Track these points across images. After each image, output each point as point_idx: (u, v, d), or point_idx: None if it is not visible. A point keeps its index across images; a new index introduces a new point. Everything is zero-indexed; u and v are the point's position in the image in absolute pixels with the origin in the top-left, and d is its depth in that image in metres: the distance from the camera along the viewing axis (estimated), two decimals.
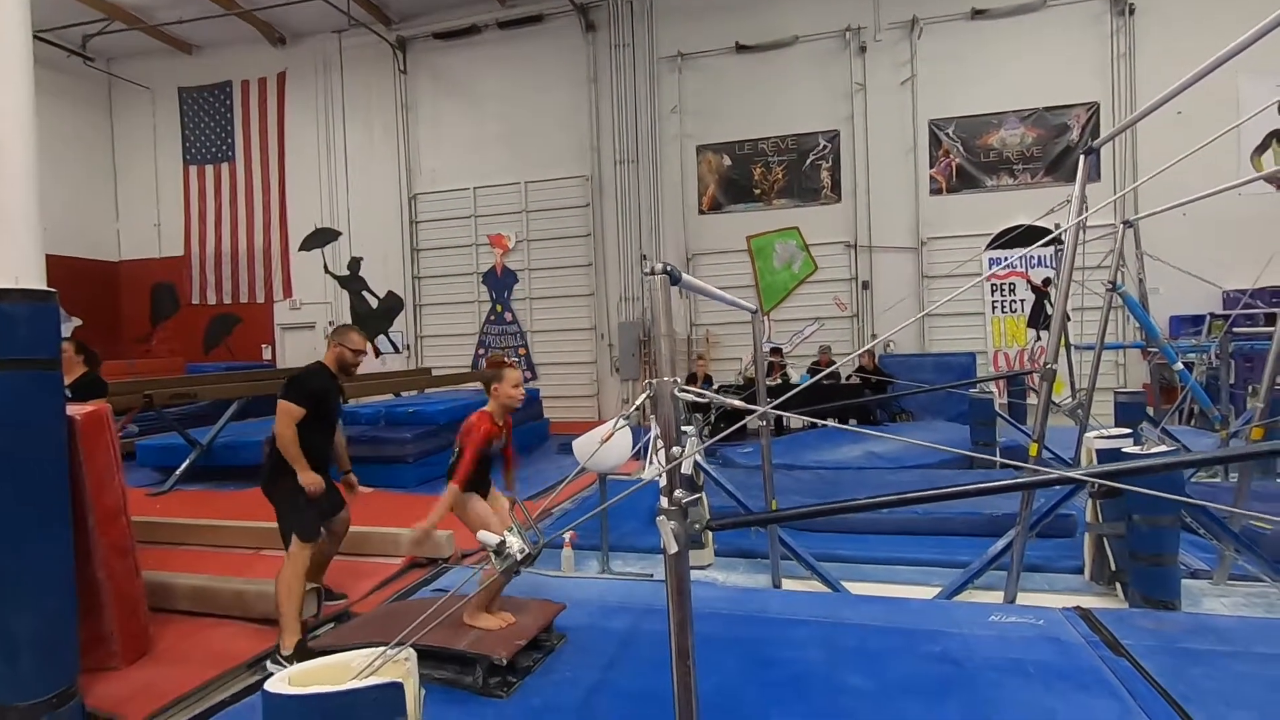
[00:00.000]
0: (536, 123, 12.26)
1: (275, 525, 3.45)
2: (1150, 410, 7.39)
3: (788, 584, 4.19)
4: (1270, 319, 5.87)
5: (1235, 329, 6.81)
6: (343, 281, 13.46)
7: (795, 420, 9.52)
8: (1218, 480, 5.92)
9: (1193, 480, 5.80)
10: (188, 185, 14.14)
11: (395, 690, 1.28)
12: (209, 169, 14.02)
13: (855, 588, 4.04)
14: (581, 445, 4.03)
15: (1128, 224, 6.11)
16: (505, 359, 3.31)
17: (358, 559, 4.57)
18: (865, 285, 10.98)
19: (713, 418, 9.14)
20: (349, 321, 13.39)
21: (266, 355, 13.77)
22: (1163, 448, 3.68)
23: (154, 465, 7.62)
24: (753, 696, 2.72)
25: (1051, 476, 1.56)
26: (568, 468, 6.48)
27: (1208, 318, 9.14)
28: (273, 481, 3.43)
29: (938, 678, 2.82)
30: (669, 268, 1.67)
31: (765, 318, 11.32)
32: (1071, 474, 1.49)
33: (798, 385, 9.83)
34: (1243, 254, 8.70)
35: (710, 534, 4.69)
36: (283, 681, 1.31)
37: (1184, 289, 8.34)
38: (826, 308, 11.20)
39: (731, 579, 4.39)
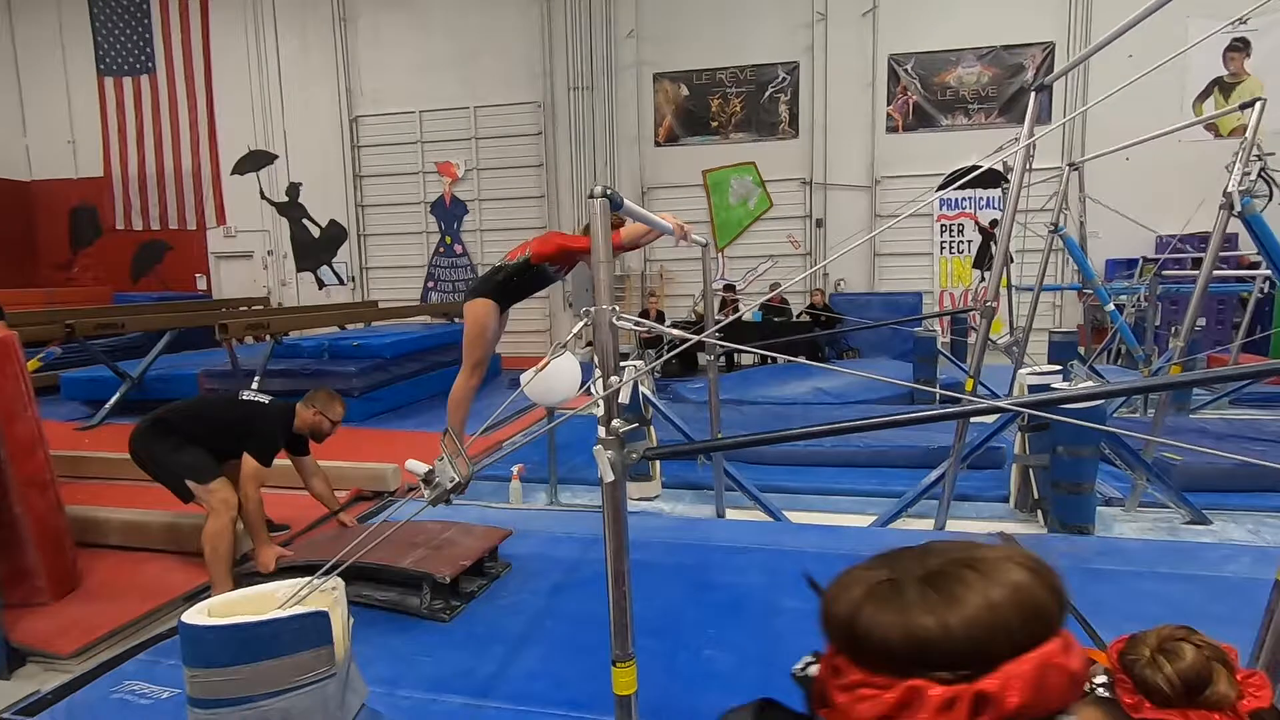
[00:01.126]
0: (485, 43, 11.61)
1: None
2: (1081, 349, 7.72)
3: (732, 514, 4.31)
4: (1197, 263, 6.12)
5: (1164, 272, 7.09)
6: (281, 208, 12.79)
7: (747, 358, 9.65)
8: (1136, 415, 6.28)
9: (1114, 415, 6.13)
10: (104, 98, 13.03)
11: (320, 619, 1.26)
12: (127, 81, 12.92)
13: (796, 517, 4.19)
14: (528, 378, 3.98)
15: (1073, 166, 6.21)
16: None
17: (301, 492, 4.49)
18: (819, 223, 10.99)
19: (665, 353, 9.19)
20: (287, 249, 12.82)
21: (201, 285, 13.13)
22: (1089, 384, 3.85)
23: (82, 399, 7.28)
24: (692, 618, 2.82)
25: (979, 406, 1.60)
26: (519, 402, 6.44)
27: (1140, 261, 9.49)
28: (145, 447, 3.23)
29: None
30: (609, 191, 1.60)
31: (719, 254, 11.28)
32: (997, 403, 1.53)
33: (749, 321, 9.93)
34: (1179, 200, 8.96)
35: (658, 466, 4.77)
36: (201, 613, 1.27)
37: (1122, 233, 8.60)
38: (781, 245, 11.20)
39: (678, 510, 4.49)
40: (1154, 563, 3.30)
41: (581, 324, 1.63)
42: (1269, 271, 4.96)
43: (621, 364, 1.83)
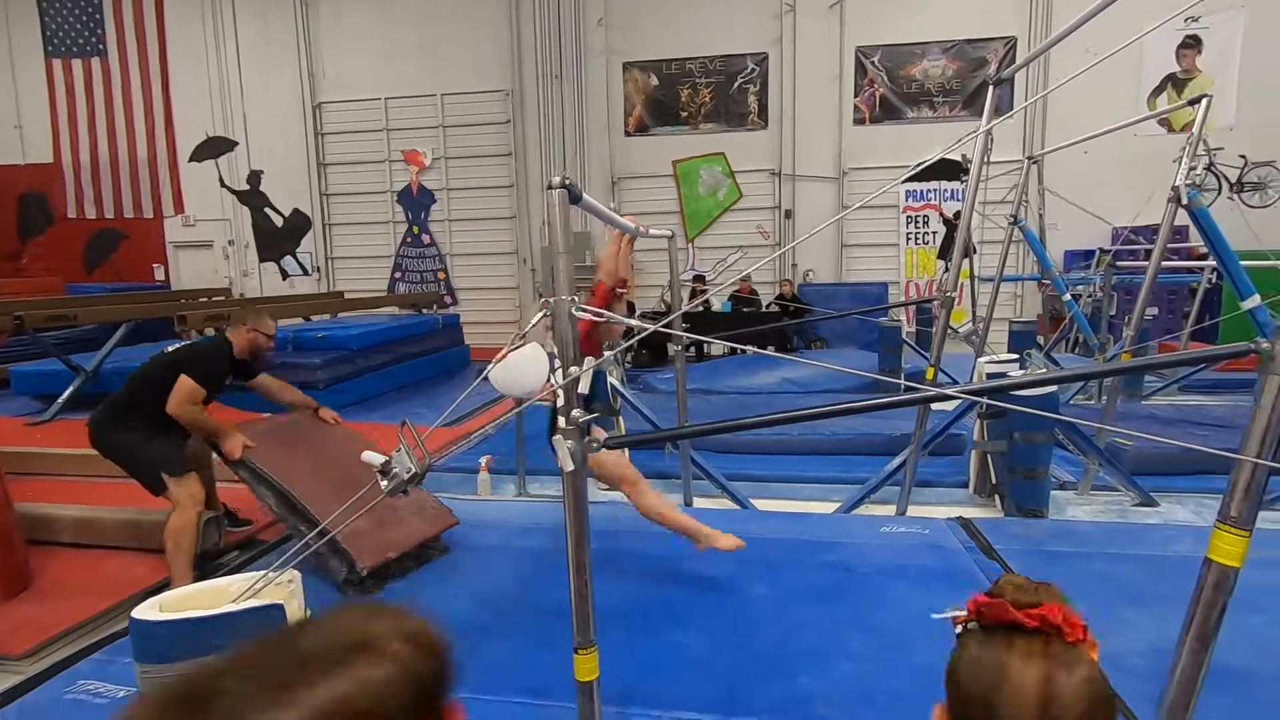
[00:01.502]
0: (452, 29, 11.42)
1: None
2: (1041, 338, 7.93)
3: (699, 502, 4.34)
4: (1150, 255, 6.33)
5: (1118, 263, 7.30)
6: (242, 197, 12.47)
7: (716, 348, 9.71)
8: (1091, 402, 6.48)
9: (1069, 403, 6.32)
10: (52, 82, 12.52)
11: (275, 611, 1.25)
12: (76, 64, 12.43)
13: (763, 504, 4.25)
14: (496, 372, 3.96)
15: (1032, 159, 6.35)
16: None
17: None
18: (788, 214, 11.08)
19: (632, 345, 9.20)
20: (249, 238, 12.52)
21: (159, 276, 12.76)
22: (1041, 371, 3.96)
23: (32, 393, 7.04)
24: (659, 605, 2.85)
25: (930, 394, 1.65)
26: (488, 394, 6.41)
27: (1097, 252, 9.74)
28: (111, 438, 3.15)
29: (831, 584, 3.03)
30: (567, 182, 1.60)
31: (690, 245, 11.32)
32: (947, 391, 1.57)
33: (719, 313, 10.00)
34: (1136, 193, 9.22)
35: (627, 456, 4.78)
36: (153, 608, 1.25)
37: (1080, 225, 8.80)
38: (750, 236, 11.27)
39: None
40: (1104, 544, 3.42)
41: (542, 314, 1.63)
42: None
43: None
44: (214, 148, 12.34)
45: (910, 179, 10.49)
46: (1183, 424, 5.37)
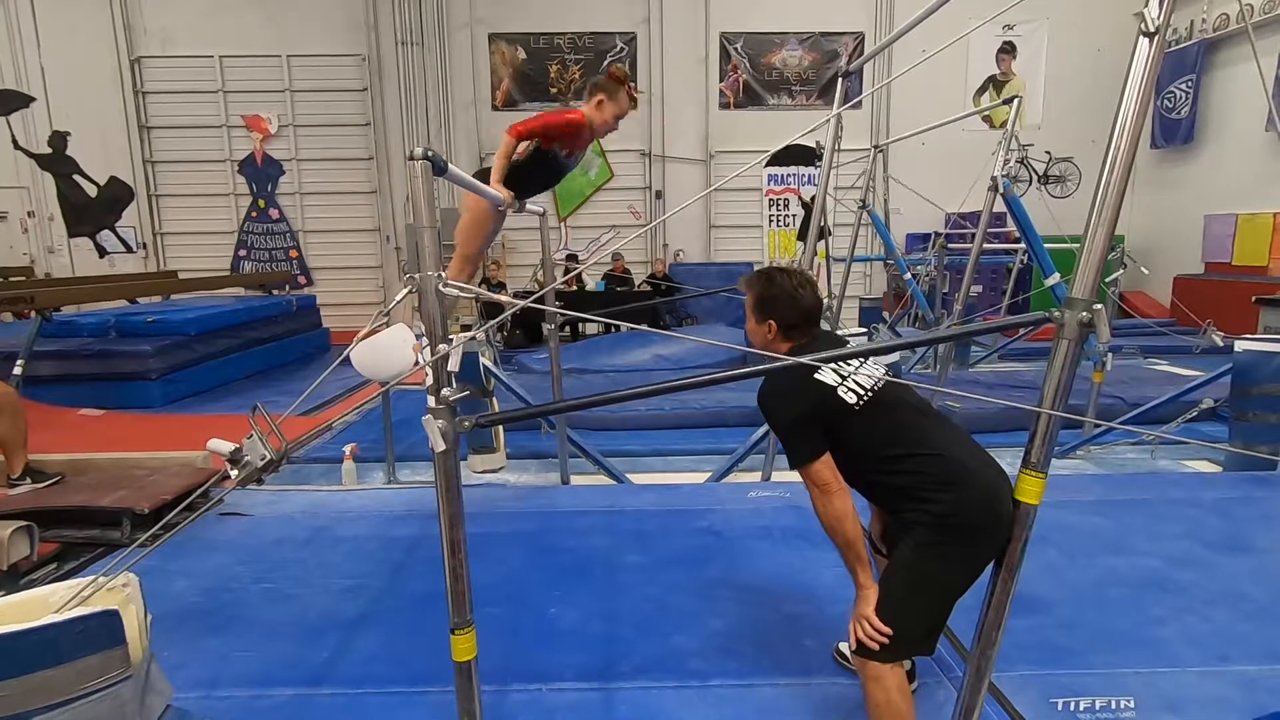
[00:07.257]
0: None
1: None
2: (886, 314, 8.67)
3: (576, 480, 4.40)
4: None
5: (950, 245, 8.10)
6: (43, 161, 10.83)
7: (591, 328, 9.76)
8: (928, 370, 7.19)
9: (910, 371, 6.97)
10: None
11: (109, 618, 1.13)
12: None
13: (638, 478, 4.36)
14: (359, 354, 3.76)
15: (878, 148, 6.88)
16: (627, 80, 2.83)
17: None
18: (659, 195, 11.28)
19: (507, 324, 9.04)
20: (55, 210, 10.93)
21: None
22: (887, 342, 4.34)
23: None
24: (536, 582, 2.86)
25: (786, 362, 1.77)
26: (349, 379, 6.07)
27: (934, 235, 10.75)
28: None
29: (701, 548, 3.18)
30: (430, 154, 1.55)
31: (562, 224, 11.24)
32: (801, 360, 1.70)
33: (594, 292, 10.03)
34: (963, 181, 10.24)
35: (502, 438, 4.73)
36: None
37: (920, 210, 9.66)
38: (622, 216, 11.36)
39: (523, 479, 4.50)
40: None
41: (407, 291, 1.58)
42: None
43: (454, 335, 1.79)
44: (4, 103, 10.60)
45: (771, 163, 11.02)
46: (1002, 387, 6.11)
